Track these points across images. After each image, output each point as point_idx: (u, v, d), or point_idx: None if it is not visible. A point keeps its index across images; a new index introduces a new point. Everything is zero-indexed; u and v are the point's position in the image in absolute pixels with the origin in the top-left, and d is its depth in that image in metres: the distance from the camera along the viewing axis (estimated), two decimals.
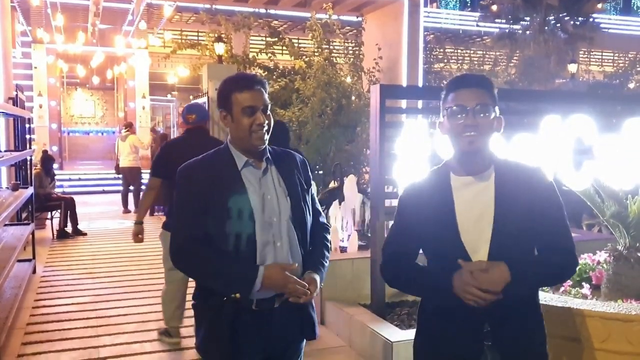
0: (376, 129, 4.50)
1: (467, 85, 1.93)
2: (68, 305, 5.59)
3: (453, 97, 1.94)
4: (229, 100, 2.14)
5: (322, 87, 9.30)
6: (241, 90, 2.12)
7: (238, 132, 2.15)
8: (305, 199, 2.27)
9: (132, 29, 17.22)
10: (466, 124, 1.89)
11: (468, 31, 21.01)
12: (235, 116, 2.13)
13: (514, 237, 1.87)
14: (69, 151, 21.65)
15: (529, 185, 1.91)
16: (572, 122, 4.39)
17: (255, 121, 2.11)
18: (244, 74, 2.28)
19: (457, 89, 1.94)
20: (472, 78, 1.97)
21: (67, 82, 21.65)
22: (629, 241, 3.07)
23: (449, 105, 1.94)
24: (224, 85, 2.19)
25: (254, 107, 2.11)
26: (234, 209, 2.09)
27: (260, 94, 2.14)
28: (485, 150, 1.94)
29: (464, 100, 1.90)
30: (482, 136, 1.91)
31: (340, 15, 11.51)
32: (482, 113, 1.89)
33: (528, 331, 1.95)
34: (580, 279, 3.22)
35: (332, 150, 9.41)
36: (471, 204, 1.92)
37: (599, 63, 24.89)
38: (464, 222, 1.90)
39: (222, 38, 11.08)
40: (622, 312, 2.60)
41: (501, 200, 1.89)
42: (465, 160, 1.95)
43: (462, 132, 1.90)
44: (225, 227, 2.09)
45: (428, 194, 1.99)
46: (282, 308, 2.17)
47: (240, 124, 2.12)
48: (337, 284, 5.05)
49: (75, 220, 9.20)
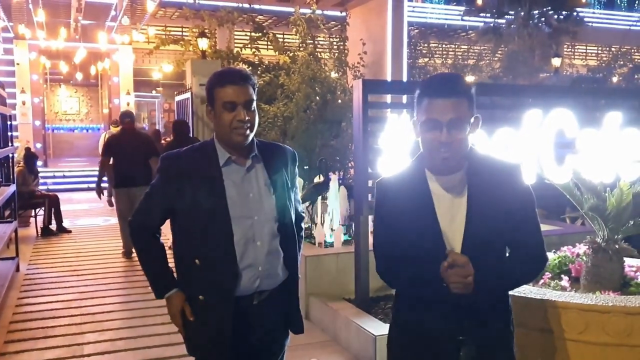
0: (359, 123, 4.52)
1: (443, 95, 1.83)
2: (52, 302, 5.55)
3: (427, 107, 1.85)
4: (211, 95, 2.13)
5: (306, 82, 9.28)
6: (223, 85, 2.09)
7: (219, 128, 2.14)
8: (290, 197, 2.26)
9: (115, 25, 17.08)
10: (440, 141, 1.84)
11: (453, 25, 21.08)
12: (217, 111, 2.11)
13: (485, 235, 1.87)
14: (53, 148, 21.45)
15: (503, 183, 1.91)
16: (554, 116, 4.43)
17: (235, 117, 2.08)
18: (231, 69, 2.28)
19: (431, 96, 1.85)
20: (447, 85, 1.86)
21: (50, 78, 21.42)
22: (607, 234, 3.11)
23: (423, 117, 1.87)
24: (208, 80, 2.18)
25: (234, 102, 2.08)
26: (208, 205, 2.09)
27: (243, 90, 2.09)
28: (460, 157, 1.90)
29: (438, 114, 1.82)
30: (456, 152, 1.86)
31: (325, 10, 11.49)
32: (457, 128, 1.82)
33: (498, 329, 1.96)
34: (560, 271, 3.26)
35: (317, 146, 9.39)
36: (444, 202, 1.92)
37: (582, 57, 25.08)
38: (443, 222, 1.90)
39: (205, 33, 11.03)
40: (599, 303, 2.63)
41: (474, 199, 1.89)
42: (438, 166, 1.93)
43: (436, 149, 1.86)
44: (200, 224, 2.10)
45: (406, 189, 1.96)
46: (266, 303, 2.18)
47: (221, 120, 2.10)
48: (321, 279, 5.07)
49: (59, 217, 9.13)
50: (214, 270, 2.10)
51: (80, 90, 23.67)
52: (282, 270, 2.21)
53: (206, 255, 2.11)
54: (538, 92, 5.86)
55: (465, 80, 1.94)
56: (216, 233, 2.09)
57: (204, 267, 2.11)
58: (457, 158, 1.88)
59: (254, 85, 2.15)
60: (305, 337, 4.39)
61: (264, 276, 2.16)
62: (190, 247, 2.14)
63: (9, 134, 7.74)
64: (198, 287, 2.14)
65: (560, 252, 3.46)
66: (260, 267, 2.15)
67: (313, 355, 4.28)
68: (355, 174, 4.81)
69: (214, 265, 2.10)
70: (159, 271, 2.22)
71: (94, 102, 23.78)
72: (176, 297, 2.19)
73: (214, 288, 2.12)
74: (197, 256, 2.11)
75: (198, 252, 2.11)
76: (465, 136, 1.86)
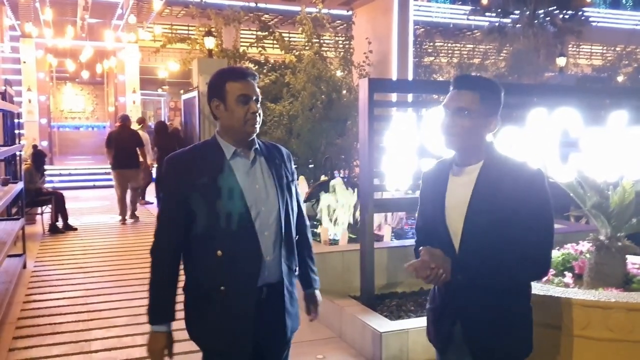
0: (365, 122, 4.54)
1: (457, 87, 2.05)
2: (59, 299, 5.61)
3: (447, 96, 2.07)
4: (222, 89, 2.17)
5: (312, 81, 9.32)
6: (236, 79, 2.17)
7: (232, 121, 2.18)
8: (291, 191, 2.31)
9: (121, 23, 17.14)
10: (445, 125, 2.05)
11: (458, 25, 21.06)
12: (230, 105, 2.17)
13: (484, 227, 1.98)
14: (59, 146, 21.54)
15: (518, 185, 1.97)
16: (559, 115, 4.45)
17: (249, 109, 2.16)
18: (236, 66, 2.34)
19: (451, 88, 2.07)
20: (464, 80, 2.08)
21: (56, 76, 21.52)
22: (610, 231, 3.13)
23: (443, 104, 2.09)
24: (217, 75, 2.23)
25: (248, 95, 2.16)
26: (226, 195, 2.13)
27: (253, 85, 2.20)
28: (472, 147, 2.04)
29: (448, 102, 2.04)
30: (457, 138, 2.02)
31: (330, 9, 11.51)
32: (460, 117, 2.00)
33: (496, 335, 2.06)
34: (564, 268, 3.28)
35: (323, 144, 9.44)
36: (456, 192, 2.06)
37: (587, 56, 25.01)
38: (449, 208, 2.08)
39: (212, 32, 11.07)
40: (602, 299, 2.66)
41: (478, 193, 2.00)
42: (456, 153, 2.11)
43: (442, 132, 2.07)
44: (220, 214, 2.12)
45: (434, 178, 2.18)
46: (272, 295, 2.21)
47: (235, 112, 2.16)
48: (327, 276, 5.09)
49: (65, 215, 9.19)
50: (237, 260, 2.13)
51: (86, 88, 23.76)
52: (284, 261, 2.25)
53: (229, 246, 2.12)
54: (542, 91, 5.88)
55: (483, 79, 2.12)
56: (238, 222, 2.12)
57: (227, 258, 2.12)
58: (459, 143, 2.03)
59: (257, 83, 2.25)
60: (310, 333, 4.46)
61: (271, 266, 2.20)
62: (210, 240, 2.14)
63: (16, 131, 7.81)
64: (219, 279, 2.14)
65: (564, 249, 3.48)
66: (269, 257, 2.19)
67: (319, 352, 4.32)
68: (360, 172, 4.83)
69: (237, 256, 2.13)
70: (164, 297, 2.19)
71: (100, 100, 23.87)
72: (162, 337, 2.18)
73: (238, 278, 2.14)
74: (220, 248, 2.13)
75: (220, 243, 2.13)
76: (471, 126, 1.99)
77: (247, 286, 2.15)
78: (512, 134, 4.46)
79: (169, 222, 2.20)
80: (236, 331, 2.16)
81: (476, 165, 2.04)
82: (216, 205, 2.13)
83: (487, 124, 2.03)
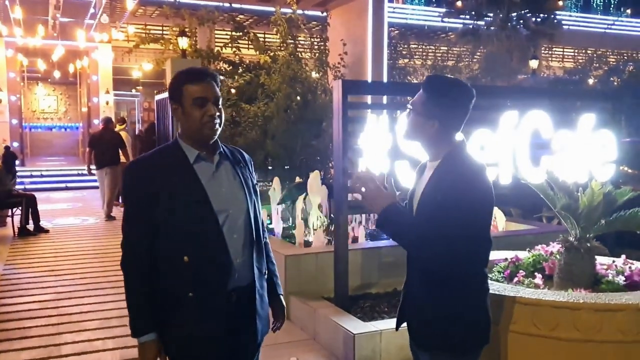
0: (339, 124, 4.55)
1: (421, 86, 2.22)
2: (29, 303, 5.51)
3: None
4: (180, 92, 2.15)
5: (287, 82, 9.30)
6: (192, 82, 2.13)
7: (189, 124, 2.15)
8: (257, 194, 2.31)
9: (94, 23, 16.92)
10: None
11: (433, 27, 21.24)
12: (186, 108, 2.14)
13: (423, 218, 2.13)
14: (31, 147, 21.18)
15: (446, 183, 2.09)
16: (530, 117, 4.51)
17: (206, 112, 2.12)
18: (196, 67, 2.30)
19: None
20: (428, 80, 2.25)
21: (27, 76, 21.16)
22: (579, 232, 3.18)
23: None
24: (175, 78, 2.20)
25: (205, 98, 2.12)
26: (190, 200, 2.10)
27: (211, 87, 2.15)
28: (426, 144, 2.21)
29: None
30: (405, 132, 2.25)
31: (306, 10, 11.51)
32: (407, 113, 2.21)
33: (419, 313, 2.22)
34: (534, 269, 3.32)
35: (298, 146, 9.42)
36: (420, 184, 2.26)
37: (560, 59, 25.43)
38: (415, 197, 2.26)
39: (185, 32, 11.00)
40: (570, 300, 2.69)
41: (427, 188, 2.16)
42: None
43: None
44: (185, 220, 2.09)
45: (418, 171, 2.37)
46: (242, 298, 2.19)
47: (191, 116, 2.13)
48: (301, 278, 5.09)
49: (37, 217, 9.03)
50: (205, 265, 2.10)
51: (58, 88, 23.42)
52: (255, 264, 2.23)
53: (196, 251, 2.10)
54: (514, 93, 5.96)
55: (442, 82, 2.22)
56: (204, 227, 2.10)
57: (195, 263, 2.10)
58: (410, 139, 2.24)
59: (218, 83, 2.21)
60: (285, 335, 4.44)
61: (241, 270, 2.18)
62: (177, 246, 2.11)
63: None
64: (187, 285, 2.11)
65: (535, 250, 3.52)
66: (238, 260, 2.17)
67: (293, 354, 4.31)
68: (335, 174, 4.84)
69: (205, 261, 2.10)
70: (144, 307, 2.13)
71: (73, 100, 23.54)
72: (152, 346, 2.12)
73: (206, 284, 2.11)
74: (186, 254, 2.10)
75: (187, 249, 2.10)
76: (412, 123, 2.18)
77: (216, 291, 2.12)
78: (484, 136, 4.51)
79: (135, 232, 2.15)
80: (207, 337, 2.13)
81: (436, 162, 2.18)
82: (181, 211, 2.10)
83: (426, 125, 2.15)
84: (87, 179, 14.31)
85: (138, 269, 2.14)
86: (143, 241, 2.13)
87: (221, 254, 2.13)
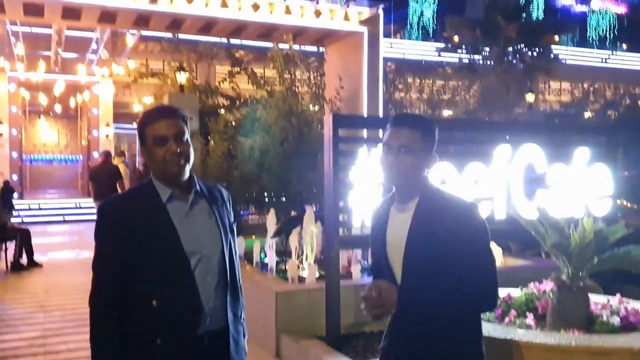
0: (330, 158, 4.52)
1: (397, 125, 2.06)
2: (15, 340, 5.40)
3: (386, 134, 2.08)
4: (143, 134, 2.11)
5: (283, 115, 9.33)
6: (152, 122, 2.09)
7: (154, 164, 2.11)
8: (234, 233, 2.24)
9: (95, 58, 17.10)
10: (387, 162, 2.05)
11: (430, 61, 21.44)
12: (149, 147, 2.10)
13: (422, 262, 2.00)
14: (31, 180, 21.21)
15: (452, 219, 1.98)
16: (524, 152, 4.47)
17: (168, 150, 2.06)
18: (159, 106, 2.26)
19: (390, 126, 2.08)
20: (404, 118, 2.11)
21: (29, 110, 21.28)
22: (571, 270, 3.10)
23: (383, 141, 2.09)
24: (139, 120, 2.16)
25: (164, 136, 2.06)
26: (160, 242, 2.04)
27: (172, 122, 2.08)
28: (411, 183, 2.07)
29: (389, 139, 2.05)
30: (400, 174, 2.05)
31: (303, 46, 11.63)
32: (405, 154, 2.02)
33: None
34: (527, 308, 3.24)
35: (294, 178, 9.39)
36: (395, 228, 2.09)
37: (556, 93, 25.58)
38: (389, 244, 2.12)
39: (183, 67, 11.11)
40: (562, 343, 2.61)
41: (414, 228, 2.03)
42: (395, 189, 2.12)
43: (384, 169, 2.08)
44: (155, 262, 2.03)
45: (378, 215, 2.21)
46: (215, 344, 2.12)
47: (154, 155, 2.08)
48: (293, 315, 4.98)
49: (30, 251, 8.95)
50: (174, 310, 2.03)
51: (59, 121, 23.54)
52: (229, 308, 2.16)
53: (165, 295, 2.03)
54: (508, 128, 5.93)
55: (421, 117, 2.15)
56: (174, 270, 2.04)
57: (163, 308, 2.03)
58: (403, 181, 2.06)
59: (184, 118, 2.14)
60: None
61: (214, 313, 2.10)
62: (145, 289, 2.04)
63: None
64: (155, 331, 2.04)
65: (527, 288, 3.44)
66: (210, 303, 2.09)
67: None
68: (326, 208, 4.78)
69: (174, 305, 2.03)
70: (109, 351, 2.04)
71: (73, 133, 23.64)
72: None
73: (175, 329, 2.04)
74: (155, 298, 2.03)
75: (155, 292, 2.03)
76: (414, 163, 2.03)
77: (185, 337, 2.04)
78: (477, 170, 4.46)
79: (103, 272, 2.09)
80: None
81: (413, 201, 2.08)
82: (151, 253, 2.04)
83: (428, 161, 2.08)
84: (85, 212, 14.32)
85: (105, 309, 2.06)
86: (111, 282, 2.06)
87: (191, 298, 2.05)
